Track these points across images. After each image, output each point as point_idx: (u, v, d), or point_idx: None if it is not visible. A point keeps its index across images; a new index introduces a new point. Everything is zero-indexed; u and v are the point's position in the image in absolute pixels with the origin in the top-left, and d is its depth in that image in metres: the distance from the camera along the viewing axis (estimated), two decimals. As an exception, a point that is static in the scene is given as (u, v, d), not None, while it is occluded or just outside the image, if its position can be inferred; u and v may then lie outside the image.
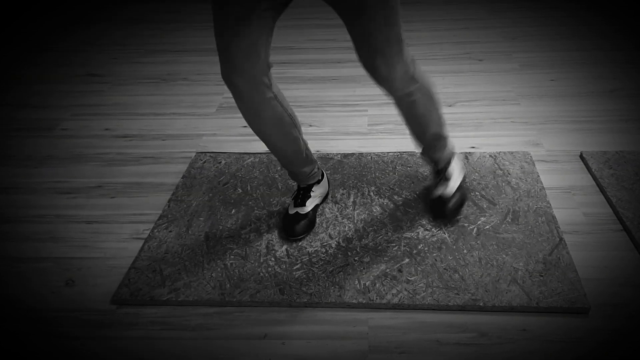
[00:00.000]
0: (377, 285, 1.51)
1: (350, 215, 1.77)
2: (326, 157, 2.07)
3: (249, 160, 2.09)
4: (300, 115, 2.41)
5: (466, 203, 1.73)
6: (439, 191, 1.71)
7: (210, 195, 1.91)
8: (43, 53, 3.21)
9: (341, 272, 1.56)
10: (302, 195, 1.72)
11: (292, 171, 1.68)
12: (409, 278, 1.53)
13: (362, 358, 1.33)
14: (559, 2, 3.64)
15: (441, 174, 1.73)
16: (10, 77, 2.91)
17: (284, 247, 1.66)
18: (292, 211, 1.71)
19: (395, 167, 2.00)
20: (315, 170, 1.72)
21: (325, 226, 1.73)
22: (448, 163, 1.75)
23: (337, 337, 1.39)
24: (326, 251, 1.63)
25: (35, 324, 1.47)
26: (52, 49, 3.27)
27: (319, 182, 1.76)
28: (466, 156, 2.03)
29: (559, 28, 3.21)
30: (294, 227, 1.66)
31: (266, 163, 2.06)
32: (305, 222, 1.68)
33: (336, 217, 1.76)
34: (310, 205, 1.72)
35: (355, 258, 1.60)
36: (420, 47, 3.05)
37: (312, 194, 1.73)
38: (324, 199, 1.82)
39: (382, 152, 2.09)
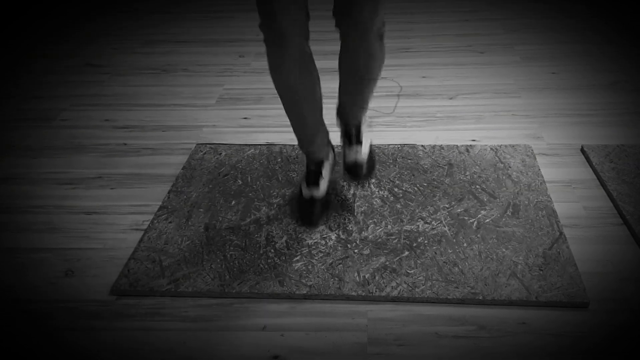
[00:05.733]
0: (377, 277, 1.51)
1: (350, 208, 1.77)
2: (326, 149, 2.07)
3: (250, 151, 2.08)
4: (301, 107, 2.40)
5: (376, 165, 1.69)
6: (353, 156, 1.67)
7: (210, 186, 1.90)
8: (47, 45, 3.19)
9: (341, 265, 1.56)
10: (314, 173, 1.70)
11: (306, 139, 1.65)
12: (408, 271, 1.53)
13: (361, 350, 1.34)
14: (562, -6, 3.62)
15: (353, 137, 1.69)
16: (17, 71, 2.90)
17: (284, 238, 1.66)
18: (307, 195, 1.69)
19: (396, 160, 1.99)
20: (327, 140, 1.71)
21: (325, 218, 1.73)
22: (360, 126, 1.72)
23: (336, 329, 1.39)
24: (326, 243, 1.63)
25: (34, 315, 1.47)
26: (54, 41, 3.26)
27: (327, 157, 1.74)
28: (467, 149, 2.03)
29: (561, 20, 3.20)
30: (311, 212, 1.66)
31: (266, 155, 2.05)
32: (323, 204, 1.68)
33: (336, 209, 1.76)
34: (323, 186, 1.70)
35: (355, 250, 1.60)
36: (422, 39, 3.04)
37: (323, 170, 1.72)
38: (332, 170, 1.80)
39: (382, 145, 2.08)
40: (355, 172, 1.66)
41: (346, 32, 1.43)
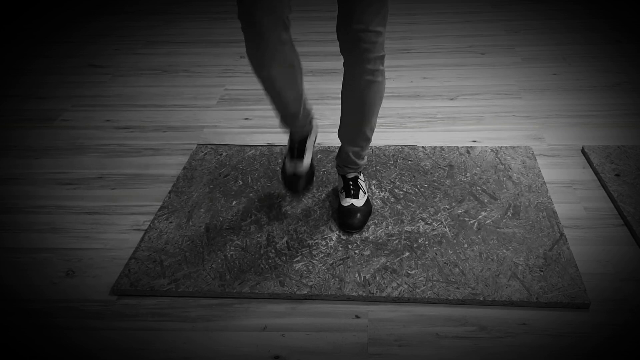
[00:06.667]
0: (377, 278, 1.51)
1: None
2: (327, 150, 2.07)
3: (250, 152, 2.08)
4: (302, 108, 2.40)
5: (371, 216, 1.73)
6: (350, 201, 1.69)
7: (211, 186, 1.90)
8: (49, 45, 3.20)
9: (341, 265, 1.56)
10: (297, 149, 1.68)
11: (287, 117, 1.61)
12: (409, 272, 1.53)
13: (361, 350, 1.34)
14: (562, -5, 3.63)
15: (352, 183, 1.72)
16: (16, 70, 2.90)
17: (285, 239, 1.66)
18: (290, 170, 1.67)
19: (397, 161, 1.99)
20: (311, 117, 1.69)
21: (326, 219, 1.73)
22: (360, 173, 1.75)
23: (336, 329, 1.39)
24: (327, 244, 1.63)
25: (35, 315, 1.47)
26: (56, 41, 3.26)
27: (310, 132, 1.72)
28: (467, 150, 2.03)
29: (562, 21, 3.20)
30: (296, 184, 1.65)
31: (267, 155, 2.06)
32: (307, 177, 1.68)
33: (337, 209, 1.76)
34: (307, 159, 1.69)
35: (356, 251, 1.60)
36: (423, 40, 3.04)
37: (307, 145, 1.70)
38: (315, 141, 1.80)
39: (383, 146, 2.08)
40: (348, 217, 1.66)
41: (348, 50, 1.43)
